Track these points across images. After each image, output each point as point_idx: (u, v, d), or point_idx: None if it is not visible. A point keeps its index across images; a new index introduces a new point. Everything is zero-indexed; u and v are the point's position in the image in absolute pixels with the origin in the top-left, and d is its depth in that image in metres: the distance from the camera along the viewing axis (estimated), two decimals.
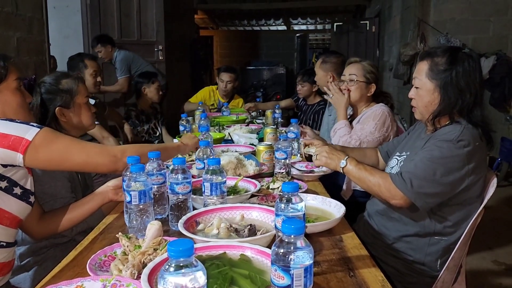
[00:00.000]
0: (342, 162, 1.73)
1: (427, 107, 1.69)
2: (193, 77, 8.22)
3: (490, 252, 3.26)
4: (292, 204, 1.05)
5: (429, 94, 1.67)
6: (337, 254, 1.20)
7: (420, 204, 1.58)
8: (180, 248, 0.71)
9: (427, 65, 1.67)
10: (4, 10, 3.40)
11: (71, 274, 1.09)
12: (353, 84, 2.49)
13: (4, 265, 1.42)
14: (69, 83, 1.88)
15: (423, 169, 1.57)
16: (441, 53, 1.65)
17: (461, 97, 1.61)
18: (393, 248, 1.74)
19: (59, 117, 1.84)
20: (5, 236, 1.39)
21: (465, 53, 1.65)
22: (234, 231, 1.21)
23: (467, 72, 1.61)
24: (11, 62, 1.49)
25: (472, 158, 1.56)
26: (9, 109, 1.47)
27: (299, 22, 11.91)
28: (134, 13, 5.50)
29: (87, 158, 1.42)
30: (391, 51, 6.65)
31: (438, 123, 1.67)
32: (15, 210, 1.39)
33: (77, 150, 1.41)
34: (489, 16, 5.01)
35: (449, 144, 1.56)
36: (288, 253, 0.79)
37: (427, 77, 1.67)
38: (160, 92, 4.11)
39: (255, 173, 1.87)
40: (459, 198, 1.62)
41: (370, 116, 2.43)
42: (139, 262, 1.04)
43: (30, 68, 3.72)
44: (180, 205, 1.36)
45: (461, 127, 1.58)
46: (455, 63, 1.61)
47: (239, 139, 2.66)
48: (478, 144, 1.57)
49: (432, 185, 1.56)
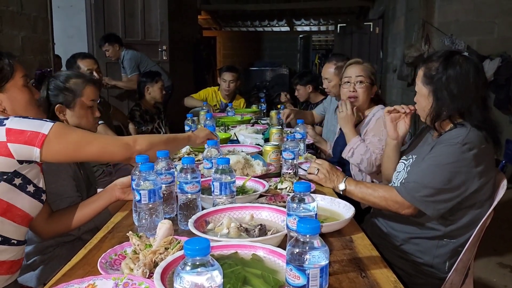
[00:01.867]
0: (341, 185, 1.73)
1: (424, 111, 1.71)
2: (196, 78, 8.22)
3: (495, 254, 3.24)
4: (304, 204, 1.05)
5: (424, 99, 1.70)
6: (348, 254, 1.19)
7: (430, 212, 1.58)
8: (197, 246, 0.70)
9: (422, 71, 1.70)
10: (9, 9, 3.40)
11: (82, 272, 1.09)
12: (361, 86, 2.44)
13: (14, 263, 1.42)
14: (76, 83, 1.87)
15: (431, 177, 1.57)
16: (436, 58, 1.67)
17: (453, 101, 1.61)
18: (401, 249, 1.73)
19: (58, 115, 1.84)
20: (16, 234, 1.40)
21: (462, 56, 1.64)
22: (244, 231, 1.20)
23: (458, 75, 1.60)
24: (16, 60, 1.50)
25: (479, 160, 1.56)
26: (19, 106, 1.49)
27: (302, 23, 11.91)
28: (138, 13, 5.50)
29: (102, 148, 1.44)
30: (395, 52, 6.64)
31: (441, 127, 1.67)
32: (27, 208, 1.39)
33: (92, 140, 1.42)
34: (494, 18, 4.99)
35: (454, 148, 1.56)
36: (304, 253, 0.78)
37: (422, 82, 1.69)
38: (163, 91, 4.10)
39: (263, 173, 1.87)
40: (468, 201, 1.62)
41: (381, 124, 2.36)
42: (150, 261, 1.03)
43: (35, 67, 3.72)
44: (189, 204, 1.35)
45: (466, 130, 1.58)
46: (446, 68, 1.62)
47: (244, 139, 2.65)
48: (484, 146, 1.57)
49: (441, 193, 1.56)
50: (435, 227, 1.65)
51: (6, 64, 1.45)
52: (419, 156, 1.74)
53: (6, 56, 1.47)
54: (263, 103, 4.41)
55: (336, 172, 1.78)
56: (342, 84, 2.51)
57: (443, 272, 1.67)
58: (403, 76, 5.71)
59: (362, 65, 2.47)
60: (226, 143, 2.55)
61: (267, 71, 10.60)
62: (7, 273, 1.40)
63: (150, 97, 4.09)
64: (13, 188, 1.33)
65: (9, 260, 1.40)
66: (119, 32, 5.37)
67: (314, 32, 12.84)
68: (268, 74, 10.57)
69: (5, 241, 1.36)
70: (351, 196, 1.72)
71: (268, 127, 3.06)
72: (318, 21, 11.77)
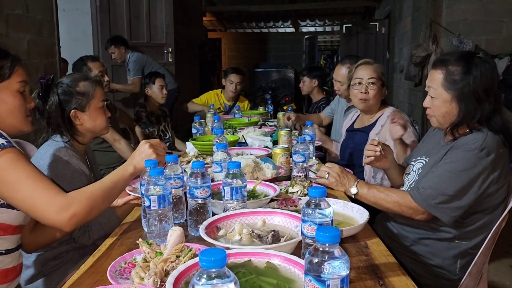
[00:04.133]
0: (353, 188, 1.69)
1: (445, 117, 1.63)
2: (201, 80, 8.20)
3: (508, 257, 3.19)
4: (320, 210, 1.02)
5: (446, 104, 1.61)
6: (364, 261, 1.15)
7: (446, 219, 1.55)
8: (212, 258, 0.67)
9: (442, 74, 1.61)
10: (15, 13, 3.39)
11: (91, 281, 1.06)
12: (373, 88, 2.38)
13: (9, 271, 1.38)
14: (86, 86, 1.84)
15: (447, 183, 1.53)
16: (455, 61, 1.59)
17: (480, 106, 1.56)
18: (411, 250, 1.72)
19: (74, 120, 1.81)
20: (2, 245, 1.35)
21: (480, 58, 1.59)
22: (257, 237, 1.16)
23: (483, 79, 1.55)
24: (21, 64, 1.44)
25: (496, 165, 1.53)
26: (5, 110, 1.39)
27: (308, 24, 11.86)
28: (143, 16, 5.50)
29: (31, 199, 1.25)
30: (402, 52, 6.58)
31: (457, 132, 1.62)
32: (7, 219, 1.34)
33: (27, 187, 1.25)
34: (502, 17, 4.93)
35: (472, 153, 1.52)
36: (323, 263, 0.74)
37: (443, 87, 1.60)
38: (164, 91, 4.02)
39: (273, 176, 1.83)
40: (482, 205, 1.59)
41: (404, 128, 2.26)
42: (162, 270, 1.00)
43: (41, 70, 3.72)
44: (199, 209, 1.32)
45: (484, 135, 1.54)
46: (470, 71, 1.55)
47: (253, 141, 2.62)
48: (502, 151, 1.54)
49: (457, 199, 1.53)
50: (446, 230, 1.63)
51: (7, 66, 1.39)
52: (431, 158, 1.71)
53: (11, 58, 1.41)
54: (269, 104, 4.38)
55: (347, 175, 1.74)
56: (352, 85, 2.45)
57: (454, 274, 1.66)
58: (410, 76, 5.66)
59: (373, 65, 2.43)
60: (234, 146, 2.52)
61: (272, 72, 10.56)
62: (4, 282, 1.36)
63: (153, 98, 4.05)
64: None
65: (3, 269, 1.36)
66: (125, 35, 5.37)
67: (320, 32, 12.78)
68: (273, 75, 10.53)
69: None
70: (363, 200, 1.69)
71: (276, 129, 3.03)
72: (323, 22, 11.72)
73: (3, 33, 3.24)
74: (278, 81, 10.23)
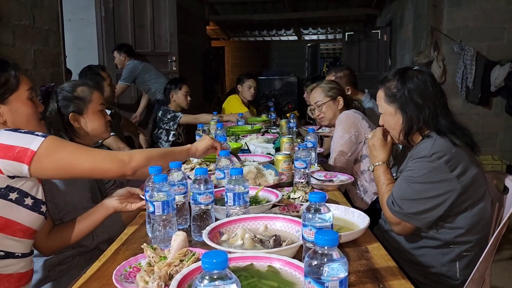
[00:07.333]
0: (377, 162, 1.81)
1: (396, 129, 1.75)
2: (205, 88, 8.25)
3: (509, 262, 3.19)
4: (320, 214, 1.04)
5: (392, 117, 1.75)
6: (364, 265, 1.17)
7: (418, 224, 1.61)
8: (214, 260, 0.69)
9: (383, 92, 1.76)
10: (22, 24, 3.45)
11: (97, 285, 1.08)
12: (321, 109, 2.71)
13: (23, 275, 1.41)
14: (84, 90, 1.92)
15: (406, 190, 1.62)
16: (391, 77, 1.74)
17: (421, 111, 1.67)
18: (410, 257, 1.73)
19: (73, 123, 1.88)
20: (20, 248, 1.38)
21: (414, 70, 1.72)
22: (259, 242, 1.19)
23: (418, 87, 1.67)
24: (22, 72, 1.47)
25: (453, 165, 1.58)
26: (20, 119, 1.46)
27: (310, 32, 11.92)
28: (147, 25, 5.56)
29: (94, 164, 1.38)
30: (403, 59, 6.61)
31: (413, 141, 1.74)
32: (27, 221, 1.37)
33: (83, 156, 1.36)
34: (503, 24, 4.95)
35: (423, 161, 1.60)
36: (322, 265, 0.77)
37: (386, 102, 1.75)
38: (188, 98, 4.13)
39: (275, 182, 1.86)
40: (459, 206, 1.62)
41: (337, 126, 2.60)
42: (166, 274, 1.02)
43: (47, 80, 3.76)
44: (202, 215, 1.34)
45: (432, 141, 1.62)
46: (404, 82, 1.69)
47: (255, 148, 2.65)
48: (454, 151, 1.60)
49: (420, 203, 1.59)
50: (435, 236, 1.66)
51: (12, 76, 1.42)
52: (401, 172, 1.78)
53: (13, 68, 1.44)
54: (272, 112, 4.40)
55: (381, 150, 1.82)
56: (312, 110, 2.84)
57: (455, 279, 1.67)
58: None
59: (316, 88, 2.76)
60: (237, 153, 2.54)
61: (275, 80, 10.58)
62: (17, 286, 1.39)
63: (176, 104, 4.12)
64: (10, 203, 1.30)
65: (17, 273, 1.38)
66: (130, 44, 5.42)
67: (322, 40, 12.84)
68: (276, 83, 10.55)
69: (8, 255, 1.34)
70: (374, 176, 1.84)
71: (278, 136, 3.06)
72: (325, 30, 11.78)
73: (10, 43, 3.29)
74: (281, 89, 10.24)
